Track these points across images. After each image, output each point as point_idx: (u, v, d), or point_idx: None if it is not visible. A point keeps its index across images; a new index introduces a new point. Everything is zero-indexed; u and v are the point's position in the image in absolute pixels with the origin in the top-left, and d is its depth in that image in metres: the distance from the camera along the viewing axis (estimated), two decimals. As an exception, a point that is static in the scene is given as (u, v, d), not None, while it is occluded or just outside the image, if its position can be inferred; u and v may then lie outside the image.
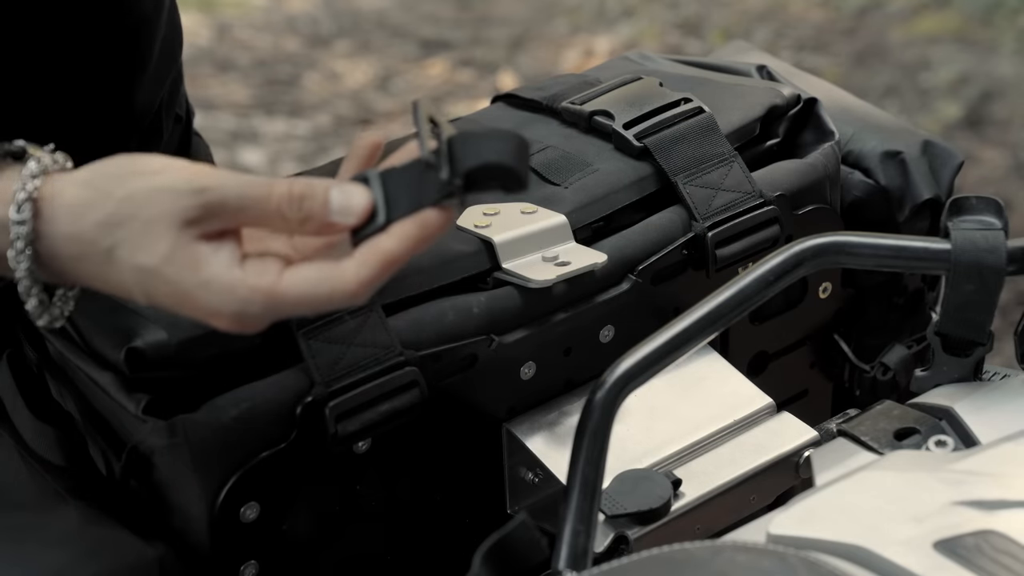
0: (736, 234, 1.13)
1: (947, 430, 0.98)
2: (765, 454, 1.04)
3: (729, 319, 0.96)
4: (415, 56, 3.80)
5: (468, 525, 1.08)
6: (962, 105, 3.41)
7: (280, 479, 0.97)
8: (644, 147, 1.13)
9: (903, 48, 3.70)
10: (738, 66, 1.28)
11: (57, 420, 1.01)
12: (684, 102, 1.16)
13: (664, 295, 1.11)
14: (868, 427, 1.00)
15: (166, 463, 0.95)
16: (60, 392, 1.01)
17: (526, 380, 1.06)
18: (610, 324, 1.09)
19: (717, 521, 1.02)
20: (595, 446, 0.93)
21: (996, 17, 3.78)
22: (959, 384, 1.03)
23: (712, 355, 1.12)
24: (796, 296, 1.19)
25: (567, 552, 0.90)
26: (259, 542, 0.98)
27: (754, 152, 1.19)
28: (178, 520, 0.97)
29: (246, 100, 3.53)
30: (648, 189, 1.13)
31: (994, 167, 3.17)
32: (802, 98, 1.21)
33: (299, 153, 3.36)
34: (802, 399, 1.23)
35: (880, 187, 1.22)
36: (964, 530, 0.79)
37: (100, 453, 0.99)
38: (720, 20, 3.95)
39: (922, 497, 0.83)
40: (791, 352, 1.22)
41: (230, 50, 3.69)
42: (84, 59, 1.09)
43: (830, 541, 0.80)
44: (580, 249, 1.07)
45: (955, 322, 1.00)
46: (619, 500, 0.98)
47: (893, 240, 1.00)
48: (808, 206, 1.17)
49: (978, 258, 0.98)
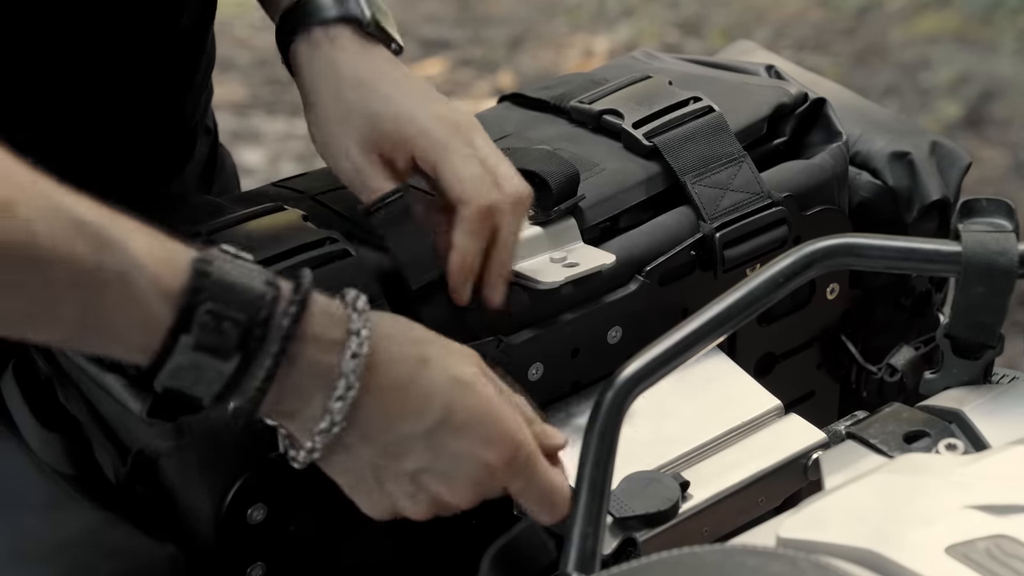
0: (744, 235, 1.12)
1: (957, 433, 0.97)
2: (773, 456, 1.04)
3: (739, 321, 0.96)
4: (415, 55, 3.79)
5: (475, 527, 1.07)
6: (962, 105, 3.41)
7: (287, 481, 0.96)
8: (654, 146, 1.13)
9: (903, 48, 3.70)
10: (745, 65, 1.28)
11: (64, 428, 1.01)
12: (694, 101, 1.16)
13: (671, 296, 1.10)
14: (877, 430, 0.99)
15: (173, 466, 0.94)
16: (67, 398, 1.00)
17: (533, 381, 1.05)
18: (617, 325, 1.08)
19: (725, 523, 1.01)
20: (603, 448, 0.93)
21: (996, 17, 3.78)
22: (968, 387, 1.02)
23: (719, 356, 1.12)
24: (804, 297, 1.19)
25: (575, 555, 0.89)
26: (266, 544, 0.98)
27: (761, 151, 1.18)
28: (185, 522, 0.97)
29: (246, 100, 3.53)
30: (656, 189, 1.13)
31: (994, 167, 3.17)
32: (809, 97, 1.20)
33: (299, 153, 3.36)
34: (809, 400, 1.23)
35: (888, 188, 1.22)
36: (976, 535, 0.79)
37: (107, 458, 0.98)
38: (720, 20, 3.94)
39: (933, 501, 0.82)
40: (798, 353, 1.21)
41: (230, 49, 3.68)
42: (138, 71, 1.10)
43: (840, 545, 0.80)
44: (588, 250, 1.07)
45: (965, 325, 1.00)
46: (627, 502, 0.97)
47: (903, 242, 1.00)
48: (816, 207, 1.16)
49: (989, 260, 0.97)
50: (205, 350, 0.80)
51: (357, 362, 0.84)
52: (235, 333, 0.80)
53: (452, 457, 0.88)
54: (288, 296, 0.83)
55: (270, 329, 0.81)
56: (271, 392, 0.82)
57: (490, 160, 1.02)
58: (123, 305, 0.79)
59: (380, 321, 0.87)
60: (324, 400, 0.84)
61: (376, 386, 0.85)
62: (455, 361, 0.89)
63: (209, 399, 0.82)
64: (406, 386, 0.87)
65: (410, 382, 0.87)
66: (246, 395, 0.82)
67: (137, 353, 0.81)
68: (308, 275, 0.84)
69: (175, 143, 1.19)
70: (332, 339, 0.84)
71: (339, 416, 0.84)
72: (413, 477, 0.88)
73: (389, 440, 0.87)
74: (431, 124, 1.03)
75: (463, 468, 0.89)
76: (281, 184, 1.15)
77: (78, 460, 1.00)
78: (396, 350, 0.87)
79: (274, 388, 0.82)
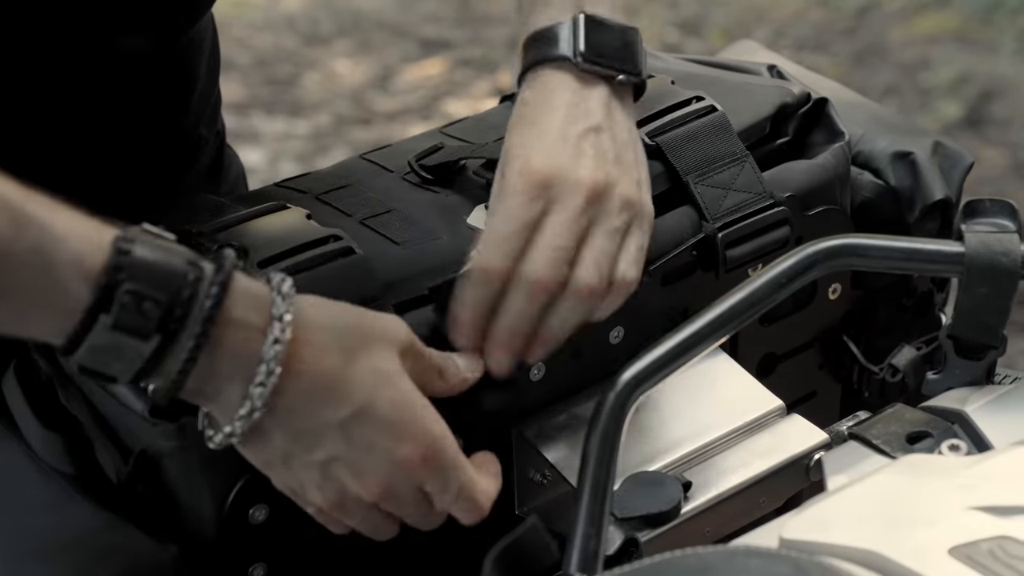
0: (746, 235, 1.12)
1: (960, 434, 0.97)
2: (775, 457, 1.04)
3: (741, 322, 0.96)
4: (415, 55, 3.79)
5: (476, 526, 1.07)
6: (962, 105, 3.41)
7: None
8: (656, 146, 1.13)
9: (903, 48, 3.70)
10: (747, 65, 1.28)
11: (65, 428, 1.01)
12: (696, 100, 1.16)
13: (673, 296, 1.10)
14: (880, 430, 0.99)
15: (175, 466, 0.94)
16: (68, 398, 1.00)
17: (535, 382, 1.05)
18: (619, 325, 1.08)
19: (727, 524, 1.01)
20: (605, 449, 0.93)
21: (996, 17, 3.78)
22: (971, 387, 1.02)
23: (721, 356, 1.11)
24: (805, 297, 1.18)
25: (578, 555, 0.89)
26: (268, 544, 0.98)
27: (764, 151, 1.18)
28: (187, 522, 0.96)
29: (246, 100, 3.53)
30: (659, 188, 1.12)
31: (993, 166, 3.17)
32: (812, 97, 1.20)
33: (298, 152, 3.36)
34: (811, 401, 1.23)
35: (890, 188, 1.22)
36: (979, 536, 0.79)
37: (108, 458, 0.98)
38: (720, 20, 3.94)
39: (936, 502, 0.82)
40: (800, 353, 1.21)
41: (229, 49, 3.69)
42: (135, 84, 1.10)
43: (843, 546, 0.80)
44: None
45: (968, 325, 1.00)
46: (629, 503, 0.97)
47: (906, 242, 1.00)
48: (818, 207, 1.16)
49: (992, 261, 0.97)
50: (124, 330, 0.79)
51: (279, 348, 0.83)
52: (156, 314, 0.80)
53: (366, 449, 0.88)
54: (210, 277, 0.82)
55: (191, 310, 0.80)
56: (192, 375, 0.82)
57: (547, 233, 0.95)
58: (40, 283, 0.78)
59: (305, 306, 0.86)
60: (244, 385, 0.83)
61: (296, 372, 0.84)
62: (379, 350, 0.88)
63: (126, 379, 0.81)
64: (327, 375, 0.86)
65: (332, 371, 0.86)
66: (167, 377, 0.82)
67: (52, 333, 0.80)
68: (231, 255, 0.83)
69: (174, 153, 1.19)
70: (254, 324, 0.83)
71: (259, 402, 0.84)
72: (323, 466, 0.88)
73: (305, 428, 0.86)
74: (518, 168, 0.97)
75: (375, 461, 0.88)
76: (284, 184, 1.14)
77: (79, 460, 1.00)
78: (319, 338, 0.86)
79: (195, 371, 0.82)
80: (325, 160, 3.16)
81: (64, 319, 0.79)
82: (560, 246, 0.95)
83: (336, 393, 0.86)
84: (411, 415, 0.89)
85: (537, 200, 0.95)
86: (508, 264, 0.95)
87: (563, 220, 0.95)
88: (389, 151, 1.18)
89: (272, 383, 0.84)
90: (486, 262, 0.95)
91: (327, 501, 0.90)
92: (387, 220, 1.06)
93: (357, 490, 0.89)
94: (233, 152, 1.34)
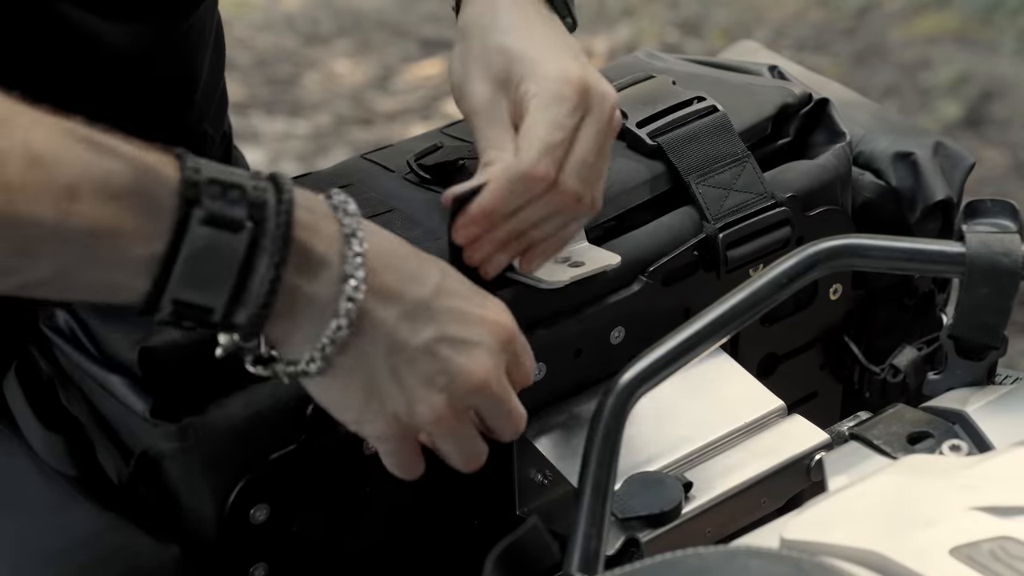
0: (747, 235, 1.12)
1: (961, 434, 0.97)
2: (776, 457, 1.04)
3: (742, 322, 0.96)
4: (415, 55, 3.79)
5: (477, 527, 1.07)
6: (962, 105, 3.41)
7: (290, 481, 0.96)
8: (658, 145, 1.13)
9: (903, 48, 3.70)
10: (749, 66, 1.28)
11: (66, 429, 1.01)
12: (697, 101, 1.16)
13: (674, 296, 1.10)
14: (881, 431, 0.99)
15: (176, 467, 0.94)
16: (69, 399, 1.00)
17: (536, 381, 1.05)
18: (620, 326, 1.08)
19: (728, 524, 1.01)
20: (606, 449, 0.93)
21: (996, 17, 3.78)
22: (972, 388, 1.02)
23: (722, 356, 1.12)
24: (806, 298, 1.19)
25: (579, 555, 0.89)
26: (268, 544, 0.98)
27: (765, 151, 1.18)
28: (188, 523, 0.96)
29: (246, 99, 3.53)
30: (660, 188, 1.12)
31: (994, 166, 3.17)
32: (813, 97, 1.20)
33: (298, 152, 3.36)
34: (812, 401, 1.23)
35: (891, 188, 1.22)
36: (980, 536, 0.78)
37: (109, 459, 0.98)
38: (720, 20, 3.94)
39: (937, 502, 0.82)
40: (801, 354, 1.21)
41: (229, 49, 3.68)
42: (136, 75, 1.09)
43: (845, 546, 0.80)
44: (593, 249, 1.06)
45: (969, 326, 1.00)
46: (630, 503, 0.97)
47: (907, 243, 1.00)
48: (819, 207, 1.16)
49: (993, 261, 0.97)
50: (217, 223, 0.78)
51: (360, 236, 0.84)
52: (241, 199, 0.79)
53: (460, 318, 0.87)
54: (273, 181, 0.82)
55: (268, 201, 0.80)
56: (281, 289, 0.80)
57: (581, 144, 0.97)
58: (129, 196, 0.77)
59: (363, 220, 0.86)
60: (335, 284, 0.83)
61: (374, 268, 0.84)
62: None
63: (221, 304, 0.80)
64: (404, 258, 0.87)
65: (406, 254, 0.87)
66: (257, 297, 0.80)
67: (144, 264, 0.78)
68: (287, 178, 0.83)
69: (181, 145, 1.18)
70: (325, 224, 0.84)
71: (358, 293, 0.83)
72: (430, 349, 0.86)
73: (403, 311, 0.85)
74: (556, 75, 0.97)
75: (473, 330, 0.88)
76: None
77: (80, 461, 1.00)
78: (381, 238, 0.87)
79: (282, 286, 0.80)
80: (325, 160, 3.16)
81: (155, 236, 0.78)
82: (588, 161, 0.97)
83: (416, 273, 0.87)
84: (481, 303, 0.89)
85: (579, 109, 0.96)
86: (555, 172, 0.96)
87: (594, 133, 0.97)
88: (390, 151, 1.18)
89: (361, 276, 0.83)
90: (535, 169, 0.95)
91: (434, 409, 0.87)
92: (388, 220, 1.06)
93: (471, 368, 0.87)
94: (240, 154, 1.33)
